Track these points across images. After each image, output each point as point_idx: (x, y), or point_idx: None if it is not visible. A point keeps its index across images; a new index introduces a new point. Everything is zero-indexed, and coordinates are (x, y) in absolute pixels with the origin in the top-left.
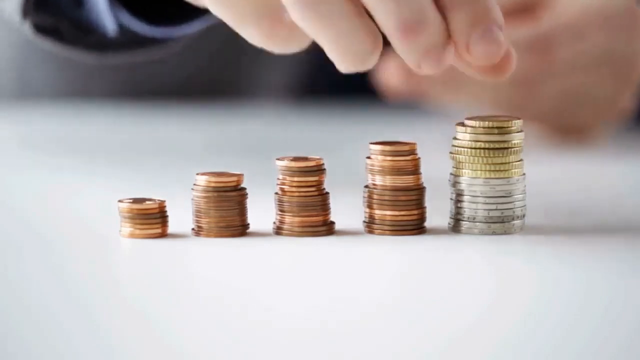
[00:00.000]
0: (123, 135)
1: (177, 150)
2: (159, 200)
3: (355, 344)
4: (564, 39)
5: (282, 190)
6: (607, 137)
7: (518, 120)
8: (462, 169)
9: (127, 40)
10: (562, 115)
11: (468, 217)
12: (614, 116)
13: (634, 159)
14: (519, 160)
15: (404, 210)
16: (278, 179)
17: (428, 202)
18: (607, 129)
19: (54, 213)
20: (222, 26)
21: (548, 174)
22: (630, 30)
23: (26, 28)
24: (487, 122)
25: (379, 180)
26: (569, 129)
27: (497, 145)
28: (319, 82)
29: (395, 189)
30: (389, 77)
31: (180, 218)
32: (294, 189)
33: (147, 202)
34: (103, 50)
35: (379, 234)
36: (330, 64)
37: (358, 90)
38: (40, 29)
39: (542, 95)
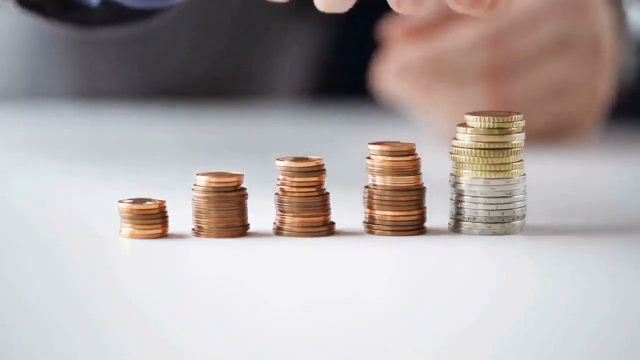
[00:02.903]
0: (123, 135)
1: (177, 150)
2: (159, 200)
3: (355, 344)
4: (516, 32)
5: (282, 190)
6: (596, 132)
7: (519, 121)
8: (462, 169)
9: (112, 13)
10: (546, 115)
11: (468, 218)
12: (598, 103)
13: (633, 158)
14: (519, 161)
15: (404, 211)
16: (278, 179)
17: (428, 202)
18: (595, 119)
19: (54, 213)
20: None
21: (548, 174)
22: (580, 12)
23: (9, 3)
24: (487, 123)
25: (379, 180)
26: (557, 127)
27: (497, 146)
28: (320, 82)
29: (396, 189)
30: (383, 79)
31: (180, 218)
32: (294, 189)
33: (147, 202)
34: (88, 24)
35: (379, 234)
36: (330, 64)
37: (358, 90)
38: (24, 3)
39: (518, 101)
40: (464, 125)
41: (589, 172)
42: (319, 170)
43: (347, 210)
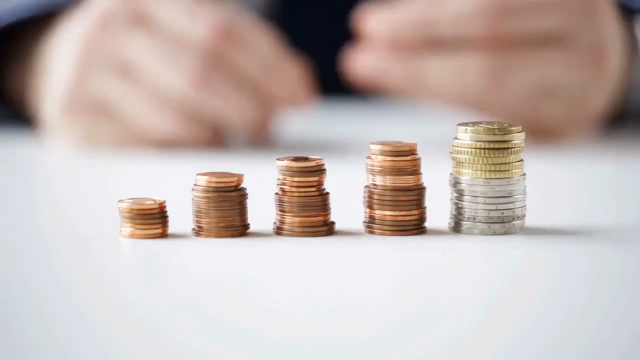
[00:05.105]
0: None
1: (177, 150)
2: (159, 200)
3: (355, 343)
4: (516, 11)
5: (282, 190)
6: (580, 138)
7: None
8: (463, 169)
9: None
10: (531, 111)
11: (468, 217)
12: (587, 114)
13: (633, 158)
14: (519, 161)
15: (404, 211)
16: (278, 179)
17: (428, 202)
18: (580, 129)
19: (54, 213)
20: None
21: (548, 174)
22: (590, 15)
23: None
24: (487, 122)
25: (379, 180)
26: (539, 127)
27: (497, 146)
28: (321, 82)
29: (396, 189)
30: (357, 69)
31: (180, 218)
32: (294, 189)
33: (147, 202)
34: None
35: (379, 234)
36: (331, 64)
37: (358, 90)
38: None
39: (509, 88)
40: (464, 124)
41: (589, 172)
42: (319, 170)
43: (347, 210)
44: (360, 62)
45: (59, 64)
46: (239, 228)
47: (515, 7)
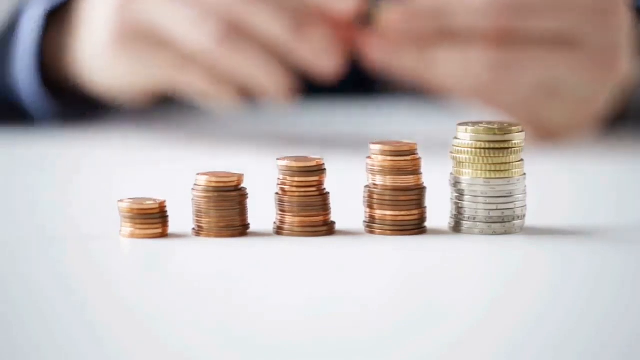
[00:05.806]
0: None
1: (177, 150)
2: (159, 200)
3: (355, 343)
4: (529, 8)
5: (283, 190)
6: (582, 139)
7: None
8: (463, 168)
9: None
10: (536, 108)
11: (468, 217)
12: (590, 116)
13: (633, 158)
14: (519, 160)
15: (404, 210)
16: (278, 179)
17: (428, 202)
18: (583, 131)
19: (54, 213)
20: None
21: (548, 174)
22: (604, 18)
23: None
24: (488, 122)
25: (379, 180)
26: (542, 127)
27: (497, 145)
28: (318, 82)
29: (396, 189)
30: (368, 55)
31: (180, 218)
32: (294, 189)
33: (147, 202)
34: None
35: (379, 234)
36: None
37: (357, 89)
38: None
39: (517, 83)
40: (464, 124)
41: (589, 172)
42: (319, 170)
43: (347, 210)
44: (373, 49)
45: (97, 10)
46: (239, 228)
47: (528, 5)
